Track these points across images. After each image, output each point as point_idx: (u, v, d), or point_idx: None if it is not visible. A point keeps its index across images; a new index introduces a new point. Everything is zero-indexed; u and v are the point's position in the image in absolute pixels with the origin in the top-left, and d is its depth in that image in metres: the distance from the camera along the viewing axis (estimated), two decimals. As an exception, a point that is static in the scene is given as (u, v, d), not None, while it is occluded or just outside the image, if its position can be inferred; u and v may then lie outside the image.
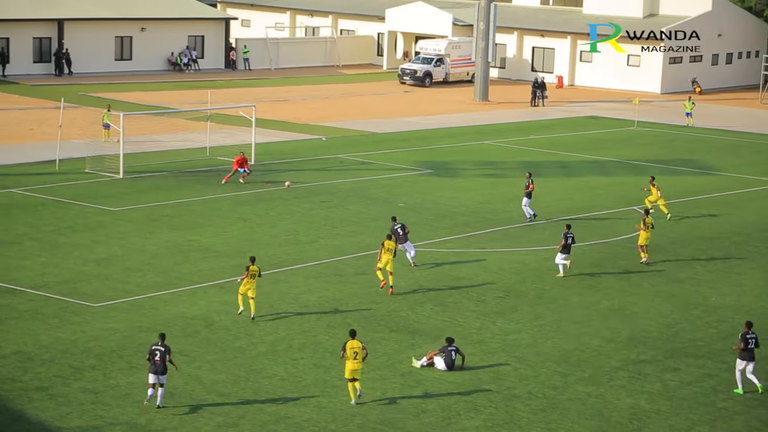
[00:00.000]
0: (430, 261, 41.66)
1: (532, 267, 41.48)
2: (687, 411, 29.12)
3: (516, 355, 32.55)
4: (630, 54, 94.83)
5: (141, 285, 37.44)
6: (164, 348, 28.19)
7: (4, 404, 27.69)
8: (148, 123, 67.83)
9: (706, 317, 36.72)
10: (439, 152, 64.30)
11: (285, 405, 28.34)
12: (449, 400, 29.13)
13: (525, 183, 48.22)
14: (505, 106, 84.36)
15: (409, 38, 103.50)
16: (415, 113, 78.96)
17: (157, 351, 28.12)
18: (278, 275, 39.11)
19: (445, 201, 51.42)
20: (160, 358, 27.99)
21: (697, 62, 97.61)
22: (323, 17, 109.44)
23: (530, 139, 70.04)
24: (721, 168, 63.08)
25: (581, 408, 28.98)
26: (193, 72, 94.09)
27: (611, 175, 59.72)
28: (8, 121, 67.56)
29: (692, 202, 53.86)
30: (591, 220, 49.12)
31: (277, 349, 32.18)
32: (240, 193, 51.16)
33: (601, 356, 32.76)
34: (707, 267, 42.64)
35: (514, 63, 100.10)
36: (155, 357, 28.02)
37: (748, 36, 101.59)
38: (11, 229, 43.66)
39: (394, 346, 32.81)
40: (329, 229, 45.72)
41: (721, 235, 47.56)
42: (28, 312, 34.29)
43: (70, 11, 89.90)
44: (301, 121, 72.94)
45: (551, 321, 35.68)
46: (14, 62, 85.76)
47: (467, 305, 36.87)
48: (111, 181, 52.72)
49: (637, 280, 40.36)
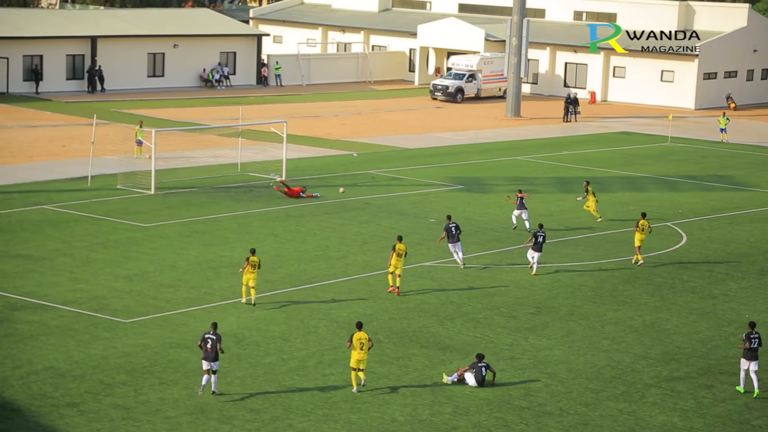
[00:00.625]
0: (460, 276, 41.64)
1: (565, 283, 41.39)
2: (721, 428, 28.97)
3: (548, 371, 32.48)
4: (663, 69, 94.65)
5: (172, 301, 37.59)
6: (216, 336, 29.75)
7: (36, 420, 27.85)
8: (180, 139, 68.17)
9: (740, 334, 36.42)
10: (471, 168, 64.30)
11: (315, 421, 28.37)
12: (480, 416, 29.09)
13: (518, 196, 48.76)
14: (537, 122, 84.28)
15: (440, 54, 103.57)
16: (446, 129, 79.00)
17: (209, 339, 29.76)
18: (309, 291, 39.17)
19: (476, 217, 51.40)
20: (211, 346, 29.58)
21: (732, 78, 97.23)
22: (355, 33, 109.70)
23: (562, 155, 69.93)
24: (755, 184, 62.78)
25: (613, 425, 28.88)
26: (224, 88, 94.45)
27: (643, 191, 59.52)
28: (41, 138, 68.04)
29: (726, 217, 53.61)
30: (622, 236, 48.92)
31: (308, 365, 32.23)
32: (271, 209, 51.32)
33: (634, 373, 32.64)
34: (741, 284, 42.42)
35: (546, 78, 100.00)
36: (207, 345, 29.65)
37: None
38: (44, 245, 43.94)
39: (424, 362, 32.79)
40: (360, 244, 45.79)
41: (755, 251, 47.32)
42: (60, 328, 34.48)
43: (103, 29, 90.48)
44: (332, 137, 73.12)
45: (583, 337, 35.58)
46: (48, 79, 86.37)
47: (498, 321, 36.83)
48: (143, 197, 52.99)
49: (670, 296, 40.19)
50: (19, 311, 35.84)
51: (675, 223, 51.60)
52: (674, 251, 46.72)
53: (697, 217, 53.10)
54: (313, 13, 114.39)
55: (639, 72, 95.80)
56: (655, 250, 46.53)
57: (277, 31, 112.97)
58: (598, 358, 33.70)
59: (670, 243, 47.98)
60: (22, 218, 48.12)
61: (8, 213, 48.93)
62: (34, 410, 28.39)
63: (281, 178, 55.62)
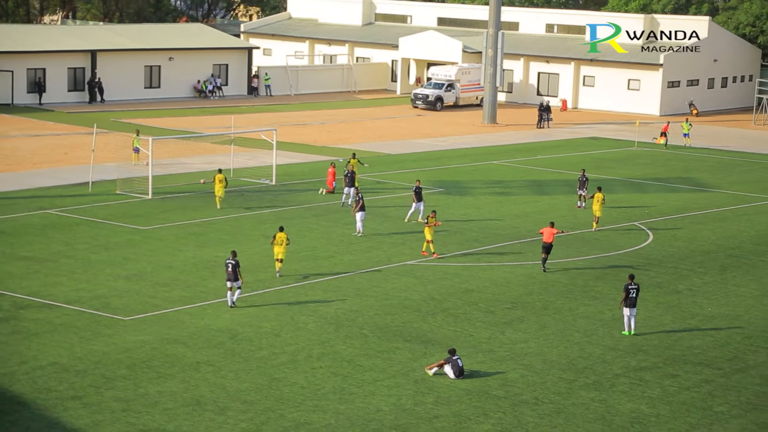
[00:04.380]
0: (440, 274, 41.70)
1: (539, 280, 41.48)
2: (685, 415, 29.06)
3: (523, 363, 32.54)
4: (630, 78, 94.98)
5: (169, 299, 37.55)
6: (235, 262, 36.10)
7: (41, 413, 27.80)
8: (176, 147, 68.05)
9: (703, 326, 36.67)
10: (450, 172, 64.37)
11: (305, 411, 28.38)
12: (460, 405, 29.13)
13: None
14: (512, 129, 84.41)
15: (421, 65, 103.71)
16: (427, 135, 79.06)
17: (229, 264, 36.09)
18: (298, 289, 39.19)
19: (456, 218, 51.46)
20: (231, 269, 35.99)
21: (694, 86, 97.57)
22: (340, 46, 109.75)
23: (536, 159, 70.07)
24: (716, 185, 63.01)
25: (585, 412, 28.96)
26: (217, 98, 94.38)
27: (612, 192, 59.57)
28: (44, 146, 67.88)
29: (689, 217, 53.80)
30: (593, 235, 49.09)
31: (298, 358, 32.23)
32: (261, 212, 51.30)
33: (604, 363, 32.73)
34: (704, 279, 42.58)
35: (520, 87, 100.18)
36: (228, 268, 36.03)
37: (742, 61, 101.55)
38: (48, 247, 43.85)
39: (407, 355, 32.82)
40: (346, 245, 45.80)
41: (717, 248, 47.50)
42: (64, 325, 34.42)
43: (103, 43, 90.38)
44: (319, 143, 73.11)
45: (556, 330, 35.66)
46: (50, 91, 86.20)
47: (477, 316, 36.88)
48: (141, 201, 52.90)
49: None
50: (24, 310, 35.77)
51: (642, 223, 51.78)
52: (641, 249, 46.87)
53: (662, 217, 53.29)
54: (301, 27, 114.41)
55: (607, 81, 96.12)
56: (623, 248, 46.68)
57: (267, 45, 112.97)
58: (570, 350, 33.78)
59: (638, 241, 48.14)
60: (26, 222, 48.01)
61: (14, 217, 48.81)
62: (40, 403, 28.34)
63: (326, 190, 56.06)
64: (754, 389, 30.98)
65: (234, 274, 36.05)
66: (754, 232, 50.93)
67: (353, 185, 51.57)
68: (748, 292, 40.87)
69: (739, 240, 49.11)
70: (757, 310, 38.62)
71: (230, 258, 36.30)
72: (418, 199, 49.81)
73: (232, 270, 36.02)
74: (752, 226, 52.06)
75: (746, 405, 29.85)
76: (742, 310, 38.56)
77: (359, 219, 47.12)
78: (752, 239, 49.37)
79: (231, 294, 36.41)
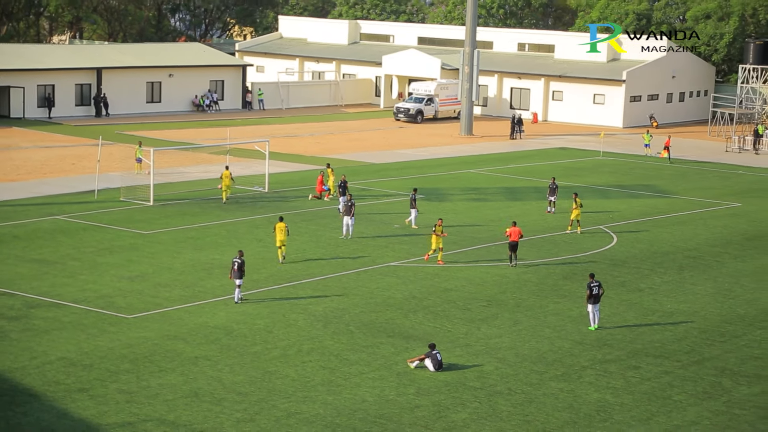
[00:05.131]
0: (421, 274, 41.69)
1: (512, 279, 41.50)
2: (647, 404, 29.12)
3: (498, 356, 32.55)
4: (595, 93, 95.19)
5: (169, 299, 37.44)
6: (241, 260, 36.55)
7: (51, 404, 27.70)
8: (175, 157, 67.89)
9: (663, 322, 36.76)
10: (430, 180, 64.35)
11: (296, 402, 28.33)
12: (439, 396, 29.12)
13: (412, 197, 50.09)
14: (487, 140, 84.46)
15: (402, 80, 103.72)
16: (408, 146, 79.05)
17: (236, 262, 36.48)
18: (289, 288, 39.12)
19: (435, 222, 51.33)
20: (237, 267, 36.25)
21: (654, 100, 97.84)
22: (328, 63, 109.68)
23: (509, 168, 70.13)
24: (675, 192, 63.17)
25: (555, 402, 28.98)
26: (214, 112, 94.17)
27: (580, 198, 59.65)
28: (53, 157, 67.64)
29: (650, 221, 53.93)
30: (562, 237, 49.16)
31: (289, 353, 32.17)
32: (255, 217, 51.21)
33: (572, 356, 32.76)
34: (663, 278, 42.68)
35: (495, 102, 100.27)
36: (234, 267, 36.41)
37: (698, 77, 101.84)
38: (56, 250, 43.68)
39: (390, 349, 32.79)
40: (333, 247, 45.74)
41: (675, 250, 47.62)
42: (71, 323, 34.29)
43: (108, 61, 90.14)
44: (308, 153, 73.02)
45: (528, 326, 35.68)
46: (59, 106, 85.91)
47: (455, 313, 36.88)
48: (143, 208, 52.75)
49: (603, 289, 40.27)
50: (35, 309, 35.62)
51: (607, 227, 51.87)
52: (606, 251, 46.96)
53: (625, 221, 53.40)
54: (291, 45, 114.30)
55: (574, 95, 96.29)
56: (589, 249, 46.75)
57: (260, 62, 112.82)
58: (541, 344, 33.81)
59: (603, 243, 48.23)
60: (36, 227, 47.83)
61: (25, 223, 48.62)
62: (50, 395, 28.24)
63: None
64: (710, 380, 31.07)
65: (239, 272, 36.40)
66: (709, 234, 51.09)
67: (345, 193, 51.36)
68: (703, 290, 40.98)
69: (695, 242, 49.24)
70: (712, 307, 38.73)
71: (237, 257, 36.77)
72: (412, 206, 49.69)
73: (238, 268, 36.37)
74: (708, 230, 52.21)
75: (702, 394, 29.93)
76: (698, 307, 38.66)
77: (349, 223, 47.01)
78: (708, 241, 49.51)
79: (237, 290, 36.78)
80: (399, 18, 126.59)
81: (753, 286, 41.73)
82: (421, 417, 27.66)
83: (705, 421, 28.07)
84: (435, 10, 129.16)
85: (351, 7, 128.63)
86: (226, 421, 26.94)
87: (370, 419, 27.39)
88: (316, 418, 27.32)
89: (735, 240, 49.96)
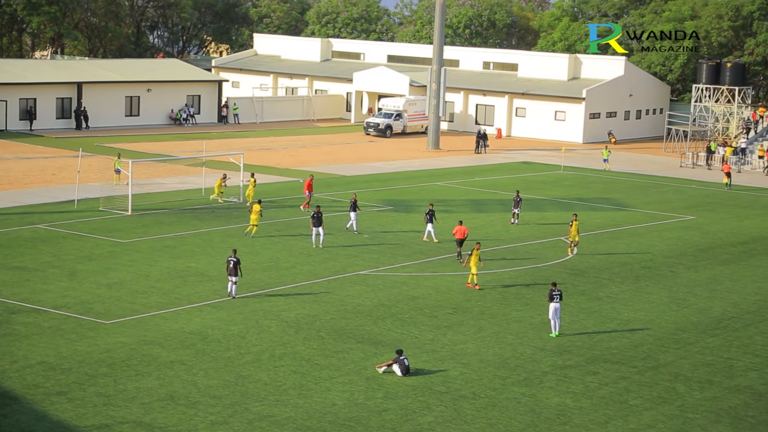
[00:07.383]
0: (390, 283, 41.66)
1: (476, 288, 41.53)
2: (605, 408, 29.21)
3: (463, 361, 32.56)
4: (557, 110, 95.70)
5: (146, 305, 37.22)
6: (236, 259, 37.19)
7: (30, 407, 27.44)
8: (153, 168, 67.57)
9: (620, 329, 36.91)
10: (398, 192, 64.41)
11: (268, 405, 28.22)
12: (406, 400, 29.09)
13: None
14: (453, 154, 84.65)
15: (372, 96, 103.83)
16: (377, 159, 79.09)
17: (231, 261, 37.13)
18: (262, 296, 38.99)
19: (403, 233, 51.48)
20: (232, 266, 36.98)
21: (613, 117, 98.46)
22: (300, 79, 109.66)
23: (474, 181, 70.30)
24: (632, 205, 63.53)
25: (517, 406, 29.01)
26: (190, 126, 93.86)
27: (542, 210, 60.01)
28: (34, 168, 67.17)
29: (609, 233, 54.19)
30: (524, 248, 49.31)
31: (261, 358, 32.05)
32: (230, 227, 51.03)
33: (534, 362, 32.82)
34: (621, 287, 42.87)
35: (461, 117, 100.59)
36: (229, 265, 37.06)
37: (653, 96, 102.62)
38: (37, 258, 43.35)
39: (360, 354, 32.74)
40: (305, 256, 45.65)
41: (632, 260, 47.86)
42: (51, 328, 34.01)
43: (88, 75, 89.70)
44: (282, 166, 72.90)
45: (492, 333, 35.72)
46: (40, 118, 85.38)
47: (422, 320, 36.87)
48: (121, 217, 52.46)
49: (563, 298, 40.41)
50: (16, 314, 35.31)
51: (567, 237, 52.01)
52: (567, 261, 47.12)
53: (585, 233, 53.57)
54: (265, 62, 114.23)
55: (537, 112, 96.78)
56: (551, 260, 46.90)
57: (235, 78, 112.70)
58: (504, 350, 33.85)
59: (564, 254, 48.39)
60: (18, 235, 47.44)
61: (6, 231, 48.22)
62: (29, 398, 27.98)
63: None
64: (665, 385, 31.22)
65: (234, 270, 37.07)
66: (664, 246, 51.39)
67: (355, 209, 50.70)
68: (659, 299, 41.20)
69: (651, 254, 49.51)
70: (667, 315, 38.94)
71: (231, 255, 37.40)
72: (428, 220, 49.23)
73: (233, 266, 37.06)
74: (663, 241, 52.53)
75: (657, 399, 30.07)
76: (654, 315, 38.85)
77: (320, 233, 46.86)
78: (663, 253, 49.80)
79: (234, 287, 37.42)
80: (369, 36, 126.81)
81: (706, 296, 42.00)
82: (388, 420, 27.62)
83: (660, 424, 28.18)
84: (404, 29, 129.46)
85: (323, 26, 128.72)
86: (201, 424, 26.79)
87: (340, 422, 27.31)
88: (288, 421, 27.22)
89: (689, 251, 50.29)
